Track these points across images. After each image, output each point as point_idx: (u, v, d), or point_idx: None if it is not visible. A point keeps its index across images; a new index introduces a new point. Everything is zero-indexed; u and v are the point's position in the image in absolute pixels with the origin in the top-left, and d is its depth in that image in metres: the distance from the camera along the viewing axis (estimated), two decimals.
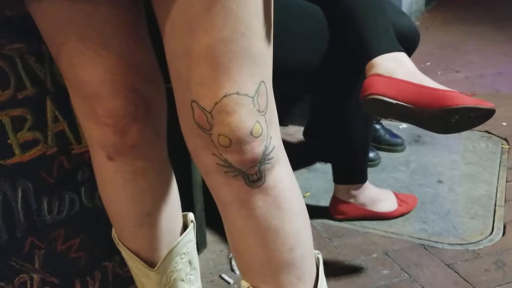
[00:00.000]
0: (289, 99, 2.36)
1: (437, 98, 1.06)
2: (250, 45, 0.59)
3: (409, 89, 1.09)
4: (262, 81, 0.62)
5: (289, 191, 0.68)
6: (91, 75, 0.73)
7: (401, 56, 1.16)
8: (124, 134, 0.78)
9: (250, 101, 0.60)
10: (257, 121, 0.61)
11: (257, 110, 0.61)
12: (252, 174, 0.64)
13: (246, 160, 0.62)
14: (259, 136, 0.62)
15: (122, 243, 0.90)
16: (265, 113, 0.63)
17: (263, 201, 0.66)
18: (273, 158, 0.65)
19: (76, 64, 0.72)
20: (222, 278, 1.34)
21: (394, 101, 1.09)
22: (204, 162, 0.65)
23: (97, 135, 0.78)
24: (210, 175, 0.66)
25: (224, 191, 0.66)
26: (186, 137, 0.66)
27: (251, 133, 0.61)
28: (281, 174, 0.67)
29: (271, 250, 0.68)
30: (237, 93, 0.59)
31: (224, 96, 0.59)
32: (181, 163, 0.67)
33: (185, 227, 0.94)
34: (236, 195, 0.65)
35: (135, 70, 0.76)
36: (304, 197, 1.74)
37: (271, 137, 0.64)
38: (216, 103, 0.59)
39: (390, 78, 1.12)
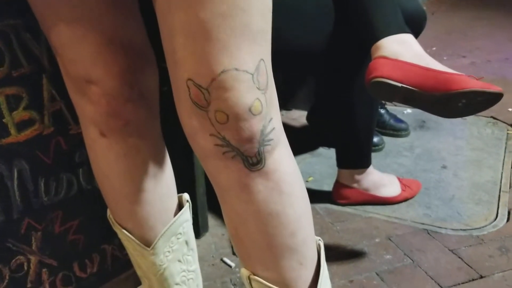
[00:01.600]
0: (293, 83, 2.34)
1: (444, 82, 1.04)
2: (250, 21, 0.57)
3: (415, 72, 1.07)
4: (262, 59, 0.59)
5: (290, 176, 0.66)
6: (82, 55, 0.71)
7: (408, 38, 1.14)
8: (117, 113, 0.76)
9: (249, 78, 0.58)
10: (257, 98, 0.59)
11: (257, 87, 0.59)
12: (251, 156, 0.61)
13: (243, 137, 0.60)
14: (258, 114, 0.60)
15: (117, 223, 0.89)
16: (266, 92, 0.60)
17: (264, 186, 0.64)
18: (272, 139, 0.62)
19: (67, 43, 0.70)
20: (224, 262, 1.33)
21: (400, 84, 1.07)
22: (202, 145, 0.63)
23: (89, 112, 0.77)
24: (208, 159, 0.64)
25: (223, 175, 0.64)
26: (182, 120, 0.64)
27: (250, 110, 0.59)
28: (282, 157, 0.65)
29: (273, 235, 0.66)
30: (236, 69, 0.57)
31: (222, 72, 0.57)
32: (182, 146, 0.65)
33: (180, 208, 0.93)
34: (236, 180, 0.63)
35: (128, 49, 0.74)
36: (307, 181, 1.74)
37: (271, 118, 0.62)
38: (213, 79, 0.57)
39: (395, 60, 1.09)
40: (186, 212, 0.93)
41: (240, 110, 0.58)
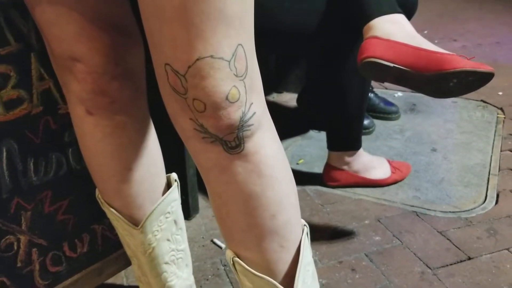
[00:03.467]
0: (284, 66, 2.33)
1: (436, 61, 1.04)
2: (225, 5, 0.56)
3: (407, 52, 1.07)
4: (240, 44, 0.58)
5: (272, 158, 0.66)
6: (66, 32, 0.70)
7: (400, 18, 1.13)
8: (103, 91, 0.76)
9: (226, 65, 0.57)
10: (234, 85, 0.59)
11: (234, 74, 0.58)
12: (230, 141, 0.61)
13: (222, 126, 0.60)
14: (236, 101, 0.59)
15: (106, 202, 0.88)
16: (244, 77, 0.60)
17: (243, 168, 0.64)
18: (253, 125, 0.62)
19: (51, 20, 0.70)
20: (214, 243, 1.33)
21: (392, 65, 1.07)
22: (183, 127, 0.63)
23: (75, 90, 0.77)
24: (189, 140, 0.64)
25: (203, 157, 0.65)
26: (165, 101, 0.64)
27: (227, 98, 0.58)
28: (263, 141, 0.65)
29: (253, 217, 0.66)
30: (211, 56, 0.56)
31: (198, 59, 0.56)
32: (172, 127, 0.65)
33: (169, 187, 0.93)
34: (215, 162, 0.64)
35: (112, 26, 0.73)
36: (297, 164, 1.74)
37: (251, 103, 0.61)
38: (189, 67, 0.57)
39: (387, 40, 1.09)
40: (175, 191, 0.93)
41: (217, 99, 0.58)
